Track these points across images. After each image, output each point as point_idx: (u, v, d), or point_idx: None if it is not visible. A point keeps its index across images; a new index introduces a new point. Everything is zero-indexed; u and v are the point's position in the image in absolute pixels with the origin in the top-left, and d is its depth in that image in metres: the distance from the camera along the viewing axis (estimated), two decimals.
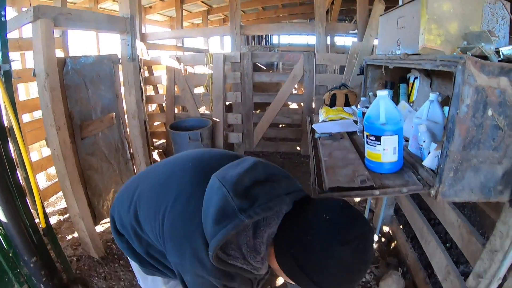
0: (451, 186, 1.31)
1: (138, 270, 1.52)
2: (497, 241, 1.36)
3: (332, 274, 0.96)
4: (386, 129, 1.43)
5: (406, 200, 2.83)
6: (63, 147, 2.49)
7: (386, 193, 1.39)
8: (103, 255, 2.94)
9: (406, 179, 1.47)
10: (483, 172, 1.28)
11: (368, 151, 1.54)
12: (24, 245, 2.10)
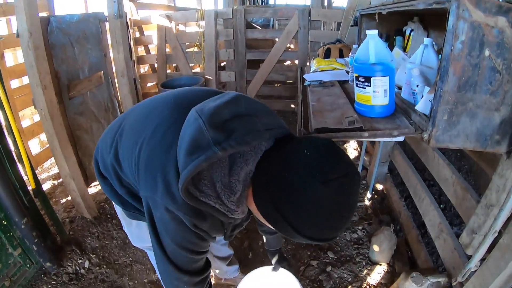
0: (445, 131, 1.24)
1: (122, 215, 1.49)
2: (493, 195, 1.31)
3: (310, 217, 0.89)
4: (376, 70, 1.35)
5: (400, 157, 2.80)
6: (49, 106, 2.42)
7: (375, 135, 1.33)
8: (96, 215, 2.94)
9: (398, 123, 1.41)
10: (480, 118, 1.21)
11: (358, 93, 1.46)
12: (14, 206, 2.08)
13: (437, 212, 2.10)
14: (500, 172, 1.27)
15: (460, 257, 1.74)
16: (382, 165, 3.02)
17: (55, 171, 3.84)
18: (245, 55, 4.96)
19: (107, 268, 2.47)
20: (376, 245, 2.36)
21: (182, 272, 1.10)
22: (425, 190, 2.31)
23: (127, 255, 2.61)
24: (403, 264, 2.34)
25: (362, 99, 1.45)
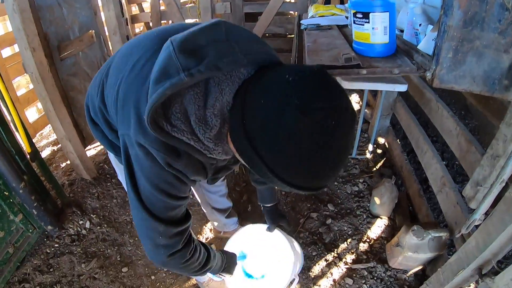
0: (450, 70, 1.16)
1: (115, 161, 1.46)
2: (500, 145, 1.23)
3: (287, 157, 0.75)
4: (376, 5, 1.26)
5: (403, 110, 2.73)
6: (40, 69, 2.37)
7: (374, 72, 1.26)
8: (95, 176, 2.93)
9: (399, 63, 1.33)
10: (487, 60, 1.11)
11: (356, 31, 1.38)
12: (10, 171, 2.06)
13: (440, 165, 2.05)
14: (509, 121, 1.19)
15: (462, 211, 1.70)
16: (384, 118, 2.96)
17: (54, 137, 3.82)
18: (242, 8, 4.80)
19: (108, 227, 2.49)
20: (377, 198, 2.33)
21: (158, 220, 1.01)
22: (428, 142, 2.26)
23: (127, 213, 2.62)
24: (403, 218, 2.32)
25: (360, 37, 1.36)
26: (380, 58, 1.37)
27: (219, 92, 0.86)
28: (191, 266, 1.21)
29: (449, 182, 1.92)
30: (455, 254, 1.52)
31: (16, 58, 3.46)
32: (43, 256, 2.30)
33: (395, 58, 1.39)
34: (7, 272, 2.13)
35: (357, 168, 2.85)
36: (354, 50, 1.43)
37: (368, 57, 1.37)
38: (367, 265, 2.10)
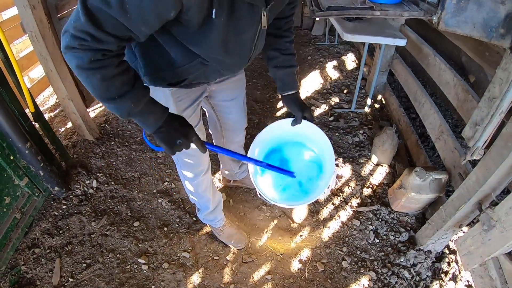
0: (453, 15, 1.27)
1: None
2: (496, 88, 1.32)
3: None
4: None
5: (400, 65, 2.80)
6: (40, 27, 2.32)
7: (386, 14, 1.33)
8: (98, 136, 2.94)
9: (407, 9, 1.41)
10: (486, 9, 1.24)
11: None
12: (15, 131, 2.04)
13: (438, 115, 2.14)
14: (504, 66, 1.28)
15: (460, 156, 1.81)
16: (381, 74, 3.02)
17: (50, 104, 3.79)
18: None
19: (115, 185, 2.53)
20: (378, 145, 2.42)
21: (90, 22, 0.84)
22: (425, 94, 2.34)
23: (134, 169, 2.67)
24: (403, 166, 2.43)
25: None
26: (389, 4, 1.42)
27: None
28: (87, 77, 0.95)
29: (447, 129, 2.02)
30: (456, 190, 1.63)
31: (14, 21, 3.36)
32: (51, 219, 2.31)
33: (402, 5, 1.46)
34: (16, 239, 2.11)
35: (356, 120, 2.93)
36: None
37: (379, 3, 1.43)
38: (372, 208, 2.22)
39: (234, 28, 1.02)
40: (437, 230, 1.80)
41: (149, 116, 1.06)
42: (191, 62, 1.17)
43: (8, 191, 2.10)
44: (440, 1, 1.27)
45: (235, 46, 1.12)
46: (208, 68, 1.21)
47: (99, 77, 0.93)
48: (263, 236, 2.19)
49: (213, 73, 1.28)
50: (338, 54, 4.14)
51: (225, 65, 1.23)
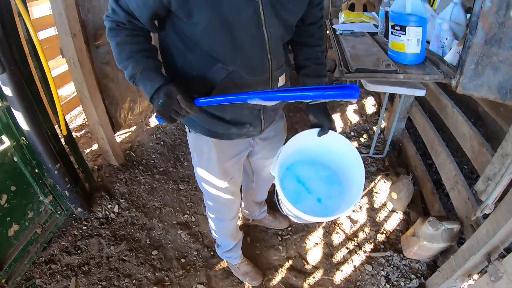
0: (471, 79, 1.36)
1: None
2: (509, 145, 1.37)
3: None
4: (412, 20, 1.44)
5: (419, 114, 2.86)
6: (79, 54, 2.45)
7: (409, 78, 1.44)
8: (123, 162, 3.04)
9: (428, 71, 1.50)
10: (502, 72, 1.31)
11: (392, 41, 1.55)
12: (47, 152, 2.14)
13: (453, 165, 2.19)
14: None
15: (473, 207, 1.86)
16: (400, 121, 3.09)
17: (77, 123, 3.93)
18: None
19: (136, 212, 2.60)
20: (394, 193, 2.48)
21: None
22: (442, 144, 2.39)
23: (155, 199, 2.73)
24: (417, 213, 2.46)
25: (396, 46, 1.53)
26: (412, 65, 1.52)
27: None
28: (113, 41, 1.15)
29: (461, 180, 2.07)
30: (467, 241, 1.68)
31: (47, 43, 3.53)
32: (70, 238, 2.37)
33: (424, 66, 1.55)
34: (34, 253, 2.18)
35: (374, 166, 2.99)
36: (389, 57, 1.59)
37: (402, 64, 1.53)
38: (385, 254, 2.26)
39: (224, 5, 1.00)
40: (447, 279, 1.84)
41: (147, 83, 1.12)
42: (213, 67, 1.17)
43: (32, 206, 2.19)
44: (459, 67, 1.36)
45: (239, 29, 1.06)
46: (233, 75, 1.18)
47: (114, 43, 1.13)
48: (277, 275, 2.22)
49: (239, 80, 1.21)
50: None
51: (244, 63, 1.16)
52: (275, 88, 1.26)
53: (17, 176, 2.09)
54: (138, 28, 1.12)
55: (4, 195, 2.01)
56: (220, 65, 1.15)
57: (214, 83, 1.18)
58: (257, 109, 1.31)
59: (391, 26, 1.52)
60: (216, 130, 1.34)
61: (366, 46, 1.82)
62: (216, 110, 1.26)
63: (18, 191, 2.10)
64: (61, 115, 2.25)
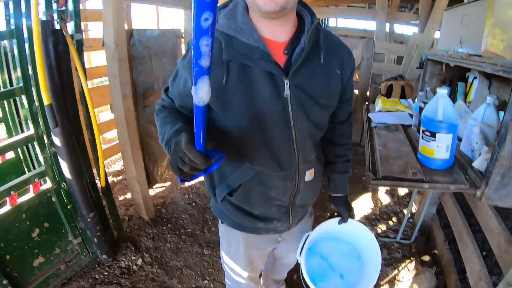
0: (496, 191, 1.38)
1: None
2: None
3: None
4: (442, 127, 1.49)
5: (450, 201, 2.83)
6: (127, 113, 2.64)
7: (434, 187, 1.46)
8: (153, 217, 3.14)
9: (455, 177, 1.53)
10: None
11: (422, 145, 1.60)
12: (84, 201, 2.27)
13: (479, 260, 2.14)
14: None
15: None
16: (431, 206, 3.05)
17: (115, 169, 4.12)
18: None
19: (158, 269, 2.63)
20: (416, 285, 2.41)
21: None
22: (470, 236, 2.34)
23: (179, 259, 2.77)
24: None
25: (426, 151, 1.58)
26: (439, 170, 1.55)
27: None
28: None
29: (485, 277, 2.00)
30: None
31: (96, 91, 3.74)
32: (90, 280, 2.43)
33: (452, 171, 1.58)
34: (53, 286, 2.27)
35: (399, 252, 2.92)
36: (419, 160, 1.64)
37: (429, 169, 1.57)
38: None
39: (250, 96, 1.05)
40: None
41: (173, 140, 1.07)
42: (240, 167, 1.20)
43: (61, 243, 2.34)
44: (485, 178, 1.37)
45: (269, 123, 1.10)
46: (260, 175, 1.21)
47: (159, 119, 1.20)
48: None
49: (265, 179, 1.23)
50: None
51: (271, 157, 1.17)
52: (301, 182, 1.28)
53: (52, 214, 2.26)
54: (176, 108, 1.25)
55: (37, 229, 2.18)
56: (247, 164, 1.19)
57: (240, 182, 1.22)
58: (285, 206, 1.33)
59: (422, 130, 1.57)
60: (244, 224, 1.37)
61: (397, 145, 1.87)
62: (245, 205, 1.29)
63: (50, 228, 2.26)
64: (102, 170, 2.41)
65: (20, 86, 2.06)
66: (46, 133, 2.14)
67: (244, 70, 1.04)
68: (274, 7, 0.95)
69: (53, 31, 2.02)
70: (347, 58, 1.22)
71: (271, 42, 1.06)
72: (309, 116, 1.15)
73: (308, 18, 1.11)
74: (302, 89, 1.09)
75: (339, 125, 1.41)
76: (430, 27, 4.36)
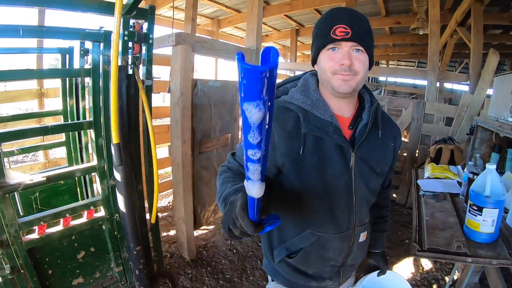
0: None
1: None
2: None
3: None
4: (489, 202, 1.51)
5: (493, 270, 2.73)
6: (184, 158, 2.79)
7: (477, 262, 1.47)
8: (194, 258, 3.20)
9: (498, 251, 1.53)
10: None
11: (469, 219, 1.62)
12: (133, 234, 2.38)
13: None
14: None
15: None
16: (474, 275, 2.95)
17: (162, 205, 4.27)
18: None
19: None
20: None
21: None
22: None
23: None
24: None
25: (472, 224, 1.60)
26: (484, 244, 1.57)
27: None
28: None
29: None
30: None
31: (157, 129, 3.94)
32: None
33: (496, 245, 1.58)
34: None
35: None
36: (464, 233, 1.66)
37: (474, 242, 1.58)
38: None
39: (323, 166, 1.15)
40: None
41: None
42: (302, 232, 1.25)
43: (102, 268, 2.43)
44: None
45: (335, 192, 1.19)
46: (321, 240, 1.26)
47: (220, 180, 1.20)
48: None
49: (324, 242, 1.28)
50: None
51: (332, 222, 1.24)
52: (356, 242, 1.33)
53: (99, 241, 2.39)
54: (239, 171, 1.26)
55: (83, 251, 2.31)
56: (309, 230, 1.25)
57: (302, 247, 1.28)
58: (338, 265, 1.37)
59: (469, 204, 1.60)
60: (297, 281, 1.40)
61: (444, 216, 1.88)
62: (302, 266, 1.33)
63: (96, 253, 2.38)
64: (155, 209, 2.53)
65: (90, 121, 2.26)
66: (107, 166, 2.30)
67: (318, 142, 1.15)
68: (347, 89, 1.10)
69: (127, 76, 2.24)
70: (397, 132, 1.36)
71: (339, 117, 1.19)
72: (368, 184, 1.25)
73: (367, 97, 1.26)
74: (364, 160, 1.20)
75: (383, 189, 1.49)
76: (480, 87, 4.34)
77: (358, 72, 1.09)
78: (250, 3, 3.60)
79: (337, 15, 1.10)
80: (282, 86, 1.30)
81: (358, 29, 1.08)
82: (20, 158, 6.61)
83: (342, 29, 1.07)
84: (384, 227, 1.59)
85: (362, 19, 1.11)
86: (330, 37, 1.09)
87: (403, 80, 16.29)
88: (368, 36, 1.12)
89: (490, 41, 6.76)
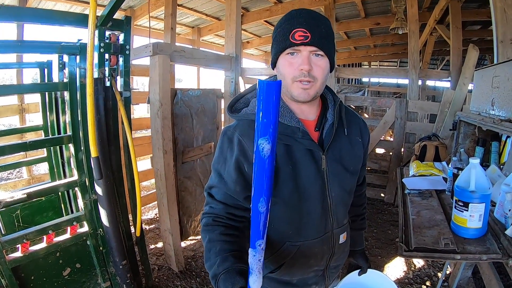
0: None
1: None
2: None
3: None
4: (475, 197, 1.50)
5: (486, 265, 2.74)
6: (166, 169, 2.76)
7: (466, 258, 1.45)
8: (182, 270, 3.15)
9: (488, 246, 1.51)
10: None
11: (455, 215, 1.60)
12: (118, 248, 2.35)
13: None
14: None
15: None
16: (466, 269, 2.96)
17: (148, 217, 4.21)
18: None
19: None
20: None
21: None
22: None
23: None
24: None
25: (458, 220, 1.58)
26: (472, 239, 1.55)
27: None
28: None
29: None
30: None
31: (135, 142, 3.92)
32: None
33: (485, 239, 1.56)
34: None
35: None
36: (451, 229, 1.64)
37: (462, 238, 1.56)
38: None
39: (297, 173, 1.14)
40: None
41: (228, 284, 1.02)
42: (281, 247, 1.23)
43: (88, 284, 2.39)
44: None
45: (311, 197, 1.18)
46: (302, 249, 1.24)
47: (206, 239, 1.14)
48: None
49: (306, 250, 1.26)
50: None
51: (309, 226, 1.23)
52: (336, 245, 1.32)
53: (85, 256, 2.34)
54: (236, 220, 1.19)
55: (69, 268, 2.27)
56: (288, 243, 1.23)
57: (283, 262, 1.25)
58: (321, 269, 1.35)
59: (455, 200, 1.58)
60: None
61: (430, 214, 1.86)
62: (285, 276, 1.31)
63: (82, 269, 2.34)
64: (139, 222, 2.50)
65: (69, 135, 2.23)
66: (89, 181, 2.27)
67: (288, 150, 1.14)
68: (307, 97, 1.10)
69: (104, 88, 2.21)
70: (363, 126, 1.36)
71: (304, 121, 1.18)
72: (342, 184, 1.24)
73: (330, 96, 1.26)
74: (336, 161, 1.19)
75: (358, 187, 1.48)
76: (461, 83, 4.40)
77: (317, 78, 1.09)
78: (228, 10, 3.60)
79: (296, 18, 1.08)
80: (242, 97, 1.27)
81: (318, 33, 1.06)
82: (5, 175, 6.51)
83: (301, 33, 1.05)
84: (362, 225, 1.58)
85: (322, 22, 1.10)
86: (289, 41, 1.07)
87: (386, 80, 16.47)
88: (328, 40, 1.10)
89: (470, 37, 6.88)
